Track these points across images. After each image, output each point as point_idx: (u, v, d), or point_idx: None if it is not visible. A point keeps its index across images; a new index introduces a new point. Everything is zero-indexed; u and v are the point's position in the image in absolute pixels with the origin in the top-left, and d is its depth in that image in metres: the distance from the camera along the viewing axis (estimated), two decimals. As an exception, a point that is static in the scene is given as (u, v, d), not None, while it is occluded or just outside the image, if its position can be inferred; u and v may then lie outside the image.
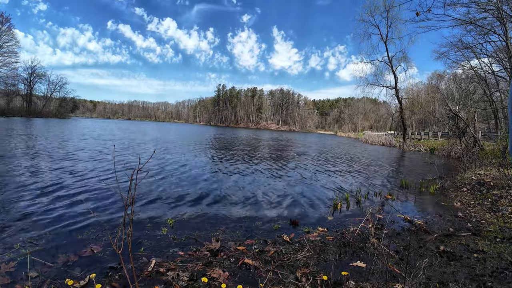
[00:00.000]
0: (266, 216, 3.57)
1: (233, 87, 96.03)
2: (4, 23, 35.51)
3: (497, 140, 12.23)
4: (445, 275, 2.12)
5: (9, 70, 37.90)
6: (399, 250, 2.59)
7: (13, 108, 40.16)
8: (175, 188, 4.69)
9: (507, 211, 3.86)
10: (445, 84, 33.35)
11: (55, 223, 2.83)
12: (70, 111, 53.65)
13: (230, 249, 2.46)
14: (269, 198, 4.49)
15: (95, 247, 2.34)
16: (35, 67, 45.20)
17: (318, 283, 1.88)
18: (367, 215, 3.36)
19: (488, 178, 5.92)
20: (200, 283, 1.83)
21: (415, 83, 38.59)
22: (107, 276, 1.91)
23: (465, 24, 13.08)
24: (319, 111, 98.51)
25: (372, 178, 7.12)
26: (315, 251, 2.48)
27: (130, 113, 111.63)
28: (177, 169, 6.49)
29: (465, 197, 4.93)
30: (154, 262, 2.07)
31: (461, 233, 3.09)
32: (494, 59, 17.44)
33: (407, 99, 30.62)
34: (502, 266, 2.29)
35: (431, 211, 4.23)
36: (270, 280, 1.94)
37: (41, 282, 1.79)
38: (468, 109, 19.14)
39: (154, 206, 3.63)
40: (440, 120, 23.86)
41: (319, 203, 4.36)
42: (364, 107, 59.88)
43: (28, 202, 3.38)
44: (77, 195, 3.84)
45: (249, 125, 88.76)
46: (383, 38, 25.92)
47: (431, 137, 26.83)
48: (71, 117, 53.33)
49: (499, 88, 19.14)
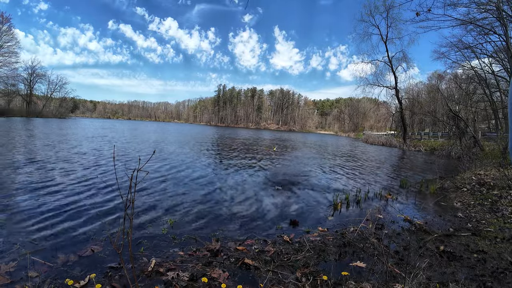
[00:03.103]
0: (266, 216, 3.57)
1: (233, 87, 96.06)
2: (4, 23, 35.50)
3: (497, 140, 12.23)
4: (445, 275, 2.12)
5: (9, 70, 37.82)
6: (399, 250, 2.59)
7: (13, 108, 40.15)
8: (175, 188, 4.69)
9: (507, 211, 3.86)
10: (445, 84, 33.33)
11: (55, 223, 2.83)
12: (70, 111, 53.65)
13: (230, 249, 2.47)
14: (269, 198, 4.49)
15: (95, 247, 2.34)
16: (35, 67, 45.19)
17: (318, 283, 1.88)
18: (367, 215, 3.37)
19: (488, 178, 5.92)
20: (200, 283, 1.83)
21: (415, 83, 38.61)
22: (107, 276, 1.91)
23: (465, 24, 13.07)
24: (319, 111, 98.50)
25: (372, 178, 7.12)
26: (315, 251, 2.48)
27: (130, 113, 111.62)
28: (177, 168, 6.48)
29: (465, 197, 4.93)
30: (154, 262, 2.07)
31: (461, 233, 3.09)
32: (494, 59, 17.44)
33: (407, 99, 30.62)
34: (502, 266, 2.29)
35: (431, 211, 4.23)
36: (270, 280, 1.94)
37: (41, 282, 1.79)
38: (468, 109, 19.14)
39: (154, 206, 3.63)
40: (440, 120, 23.88)
41: (319, 203, 4.36)
42: (364, 107, 59.92)
43: (28, 202, 3.38)
44: (77, 195, 3.84)
45: (249, 125, 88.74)
46: (383, 38, 25.93)
47: (431, 137, 26.83)
48: (71, 117, 53.35)
49: (499, 88, 19.12)
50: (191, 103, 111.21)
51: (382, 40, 26.03)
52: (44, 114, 42.81)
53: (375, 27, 26.11)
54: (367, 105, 54.98)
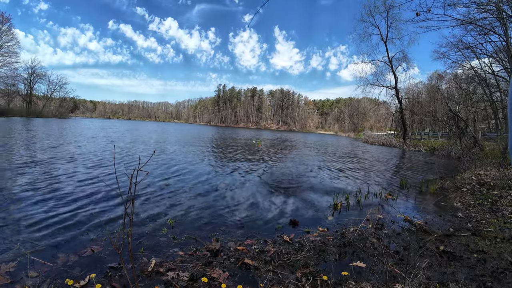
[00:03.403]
0: (266, 216, 3.57)
1: (233, 87, 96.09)
2: (5, 23, 35.50)
3: (497, 140, 12.24)
4: (445, 275, 2.12)
5: (9, 70, 37.83)
6: (399, 250, 2.59)
7: (13, 108, 40.14)
8: (175, 188, 4.69)
9: (507, 211, 3.86)
10: (445, 84, 33.34)
11: (55, 223, 2.84)
12: (70, 111, 53.65)
13: (230, 249, 2.46)
14: (269, 198, 4.49)
15: (95, 247, 2.34)
16: (35, 67, 45.21)
17: (318, 283, 1.88)
18: (367, 215, 3.37)
19: (488, 178, 5.92)
20: (200, 283, 1.83)
21: (415, 83, 38.60)
22: (107, 276, 1.91)
23: (465, 24, 13.08)
24: (319, 111, 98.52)
25: (372, 178, 7.12)
26: (315, 251, 2.48)
27: (130, 113, 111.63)
28: (177, 168, 6.48)
29: (465, 197, 4.93)
30: (154, 262, 2.07)
31: (461, 233, 3.09)
32: (494, 59, 17.45)
33: (407, 99, 30.62)
34: (502, 266, 2.29)
35: (431, 211, 4.23)
36: (270, 280, 1.94)
37: (41, 282, 1.79)
38: (468, 109, 19.14)
39: (154, 206, 3.63)
40: (440, 120, 23.88)
41: (319, 203, 4.36)
42: (364, 107, 59.93)
43: (28, 202, 3.38)
44: (77, 195, 3.84)
45: (249, 125, 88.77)
46: (383, 38, 25.93)
47: (431, 137, 26.83)
48: (71, 117, 53.36)
49: (499, 88, 19.13)
50: (191, 103, 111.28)
51: (382, 40, 26.04)
52: (44, 114, 42.82)
53: (375, 27, 26.12)
54: (367, 105, 54.99)
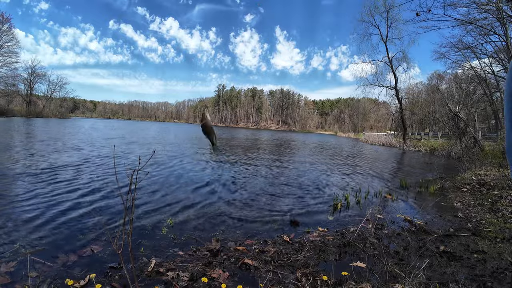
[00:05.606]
0: (266, 216, 3.57)
1: (233, 87, 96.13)
2: (5, 23, 35.50)
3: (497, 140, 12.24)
4: (445, 275, 2.12)
5: (9, 70, 37.81)
6: (399, 250, 2.58)
7: (13, 108, 40.13)
8: (175, 188, 4.69)
9: (507, 211, 3.86)
10: (445, 84, 33.35)
11: (55, 223, 2.83)
12: (70, 111, 53.66)
13: (230, 249, 2.46)
14: (269, 198, 4.49)
15: (95, 247, 2.34)
16: (35, 67, 45.23)
17: (318, 283, 1.88)
18: (367, 215, 3.36)
19: (488, 178, 5.91)
20: (200, 283, 1.83)
21: (416, 83, 38.67)
22: (107, 276, 1.91)
23: (465, 24, 13.09)
24: (319, 111, 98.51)
25: (372, 178, 7.12)
26: (315, 251, 2.48)
27: (130, 113, 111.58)
28: (177, 168, 6.49)
29: (465, 197, 4.93)
30: (154, 262, 2.07)
31: (461, 233, 3.09)
32: (494, 60, 17.47)
33: (407, 99, 30.65)
34: (502, 266, 2.29)
35: (431, 211, 4.23)
36: (270, 280, 1.94)
37: (41, 282, 1.79)
38: (468, 109, 19.12)
39: (154, 206, 3.63)
40: (440, 120, 23.86)
41: (319, 203, 4.36)
42: (364, 107, 59.93)
43: (28, 202, 3.38)
44: (78, 195, 3.84)
45: (249, 125, 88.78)
46: (383, 39, 25.97)
47: (431, 137, 26.83)
48: (71, 117, 53.35)
49: (499, 88, 19.14)
50: (191, 103, 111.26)
51: (382, 40, 26.09)
52: (44, 114, 42.82)
53: (375, 27, 26.19)
54: (367, 105, 54.95)
